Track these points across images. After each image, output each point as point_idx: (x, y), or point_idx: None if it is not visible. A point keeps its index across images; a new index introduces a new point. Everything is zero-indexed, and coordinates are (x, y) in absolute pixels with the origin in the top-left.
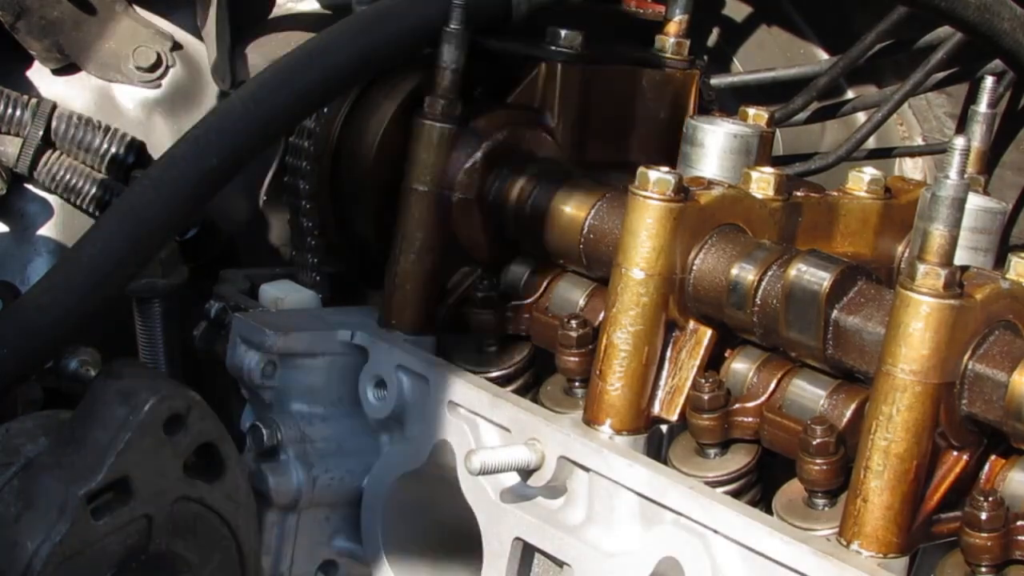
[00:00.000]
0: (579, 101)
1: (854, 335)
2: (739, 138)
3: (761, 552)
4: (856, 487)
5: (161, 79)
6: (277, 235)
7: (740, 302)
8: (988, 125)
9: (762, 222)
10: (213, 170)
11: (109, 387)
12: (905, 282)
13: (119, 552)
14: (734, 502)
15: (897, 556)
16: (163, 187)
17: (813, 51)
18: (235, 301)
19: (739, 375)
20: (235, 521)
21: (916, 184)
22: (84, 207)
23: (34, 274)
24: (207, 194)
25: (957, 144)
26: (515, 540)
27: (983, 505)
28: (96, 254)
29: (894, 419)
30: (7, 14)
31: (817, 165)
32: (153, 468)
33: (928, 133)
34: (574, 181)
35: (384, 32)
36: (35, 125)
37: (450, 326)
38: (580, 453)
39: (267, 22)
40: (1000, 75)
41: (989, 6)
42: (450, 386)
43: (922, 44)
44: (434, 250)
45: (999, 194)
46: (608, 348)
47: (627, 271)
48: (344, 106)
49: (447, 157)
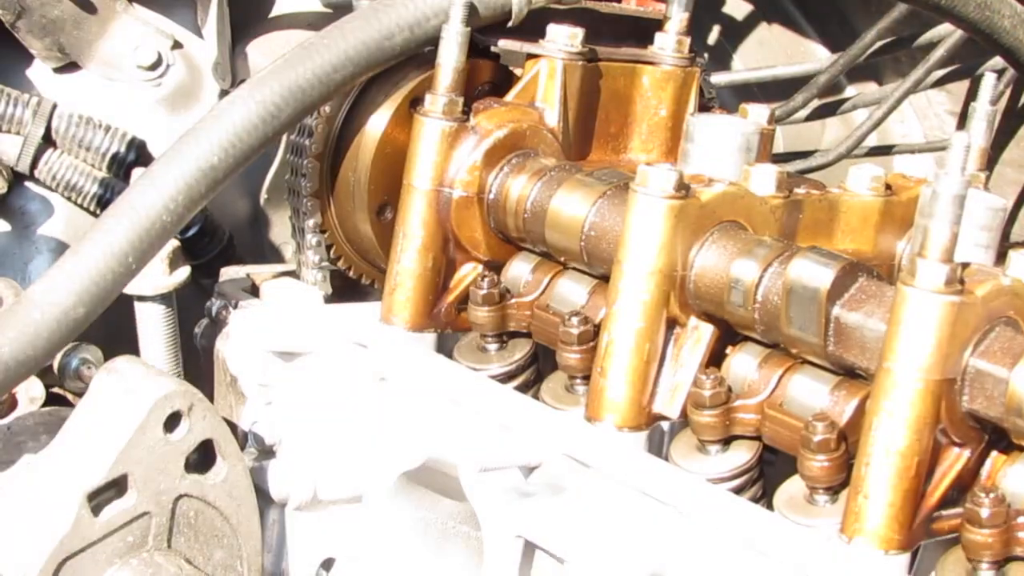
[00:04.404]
0: (580, 99)
1: (855, 332)
2: (740, 135)
3: (762, 549)
4: (857, 483)
5: (161, 78)
6: (277, 233)
7: (741, 299)
8: (988, 122)
9: (763, 219)
10: (213, 168)
11: (111, 385)
12: (906, 278)
13: (120, 550)
14: (735, 499)
15: (898, 552)
16: (163, 185)
17: (813, 49)
18: (236, 299)
19: (740, 372)
20: (236, 519)
21: (917, 181)
22: (85, 205)
23: (35, 272)
24: (207, 192)
25: (958, 141)
26: (516, 537)
27: (984, 502)
28: (97, 253)
29: (895, 415)
30: (8, 13)
31: (818, 162)
32: (154, 466)
33: (928, 130)
34: (575, 179)
35: (384, 29)
36: (36, 124)
37: (451, 324)
38: (581, 450)
39: (267, 21)
40: (1000, 72)
41: (989, 3)
42: (451, 383)
43: (922, 41)
44: (435, 248)
45: (1000, 191)
46: (609, 345)
47: (628, 268)
48: (344, 104)
49: (448, 155)
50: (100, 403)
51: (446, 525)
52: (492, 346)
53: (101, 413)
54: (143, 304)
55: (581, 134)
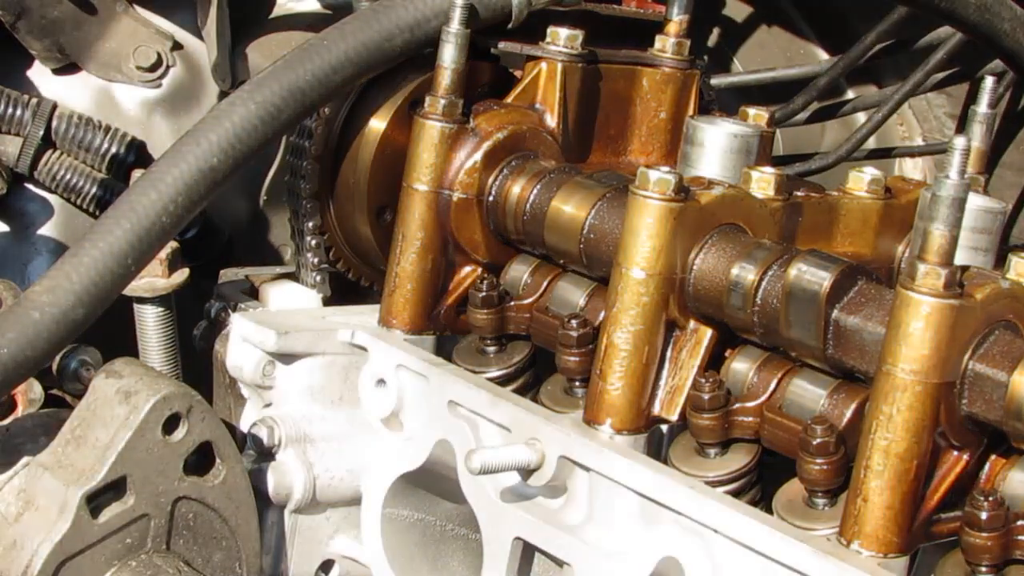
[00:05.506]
0: (579, 101)
1: (854, 335)
2: (739, 138)
3: (761, 552)
4: (856, 487)
5: (161, 79)
6: (277, 235)
7: (740, 302)
8: (988, 125)
9: (762, 222)
10: (213, 170)
11: (109, 386)
12: (905, 282)
13: (119, 551)
14: (734, 502)
15: (897, 556)
16: (163, 187)
17: (813, 51)
18: (235, 301)
19: (739, 375)
20: (235, 520)
21: (916, 184)
22: (84, 206)
23: (34, 273)
24: (207, 194)
25: (957, 144)
26: (515, 540)
27: (983, 505)
28: (97, 254)
29: (894, 419)
30: (8, 14)
31: (817, 165)
32: (153, 468)
33: (928, 133)
34: (574, 181)
35: (384, 31)
36: (35, 125)
37: (450, 326)
38: (580, 453)
39: (267, 22)
40: (1000, 75)
41: (989, 6)
42: (450, 386)
43: (922, 44)
44: (434, 250)
45: (999, 194)
46: (608, 348)
47: (627, 271)
48: (344, 106)
49: (447, 157)
50: (99, 405)
51: (445, 527)
52: (491, 348)
53: (100, 415)
54: (142, 306)
55: (581, 136)
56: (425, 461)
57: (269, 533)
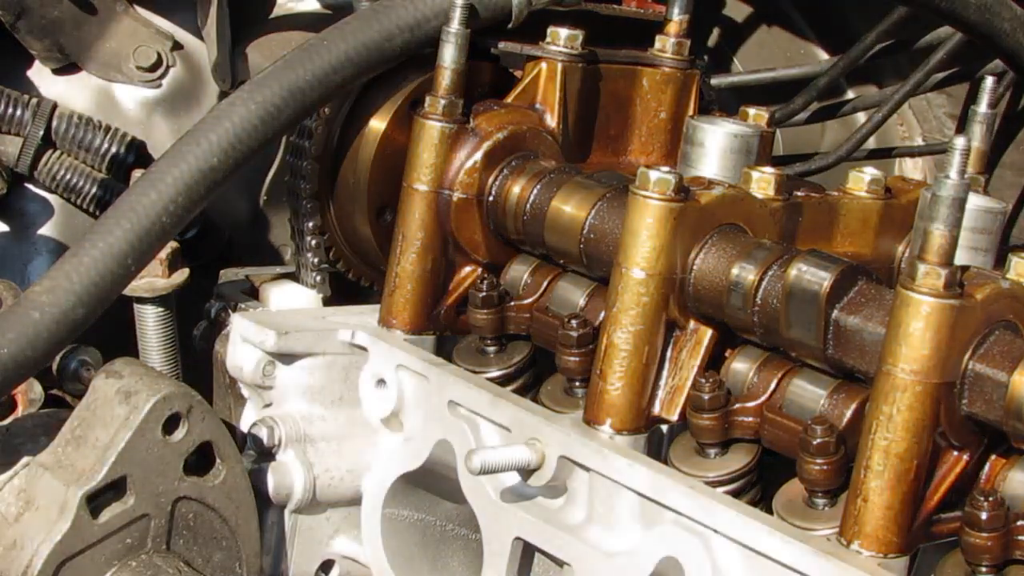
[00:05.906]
0: (579, 101)
1: (854, 335)
2: (739, 138)
3: (761, 552)
4: (856, 487)
5: (161, 79)
6: (277, 235)
7: (740, 302)
8: (988, 125)
9: (762, 222)
10: (213, 170)
11: (109, 386)
12: (905, 282)
13: (119, 551)
14: (734, 502)
15: (897, 556)
16: (163, 187)
17: (813, 51)
18: (235, 301)
19: (739, 375)
20: (235, 520)
21: (916, 184)
22: (84, 207)
23: (34, 273)
24: (207, 194)
25: (957, 144)
26: (515, 540)
27: (983, 505)
28: (96, 254)
29: (894, 419)
30: (8, 14)
31: (817, 165)
32: (153, 468)
33: (928, 133)
34: (574, 181)
35: (384, 31)
36: (36, 125)
37: (450, 326)
38: (580, 453)
39: (267, 22)
40: (1000, 75)
41: (989, 6)
42: (450, 386)
43: (922, 44)
44: (434, 250)
45: (999, 194)
46: (608, 348)
47: (627, 271)
48: (344, 106)
49: (447, 157)
50: (99, 405)
51: (445, 527)
52: (491, 348)
53: (100, 415)
54: (142, 306)
55: (581, 136)
56: (425, 461)
57: (269, 533)
